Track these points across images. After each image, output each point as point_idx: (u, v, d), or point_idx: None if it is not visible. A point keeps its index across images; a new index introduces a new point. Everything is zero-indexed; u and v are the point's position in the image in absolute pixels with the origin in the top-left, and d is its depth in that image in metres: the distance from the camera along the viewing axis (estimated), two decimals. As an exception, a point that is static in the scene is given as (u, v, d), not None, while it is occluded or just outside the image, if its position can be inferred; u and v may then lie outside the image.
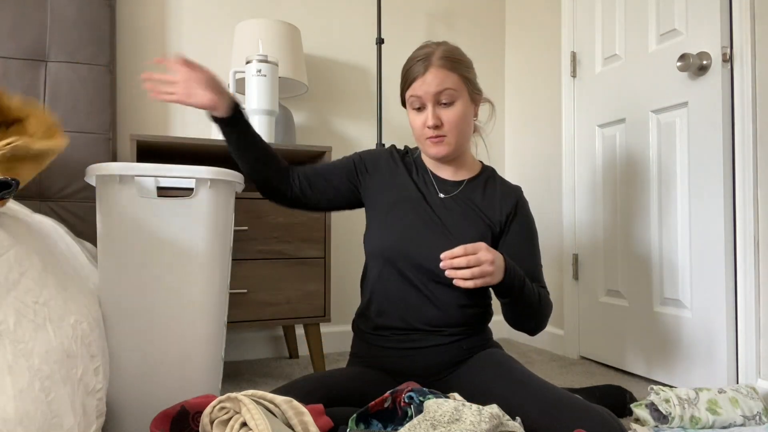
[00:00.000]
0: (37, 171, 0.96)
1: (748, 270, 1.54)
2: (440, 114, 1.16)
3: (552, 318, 2.37)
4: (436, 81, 1.15)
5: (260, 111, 1.84)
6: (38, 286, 0.86)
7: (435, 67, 1.16)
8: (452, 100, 1.17)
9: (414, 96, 1.18)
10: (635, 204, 1.93)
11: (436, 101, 1.16)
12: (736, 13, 1.58)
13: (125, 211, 1.11)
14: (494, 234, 1.24)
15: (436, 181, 1.27)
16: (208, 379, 1.18)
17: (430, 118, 1.15)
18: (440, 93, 1.15)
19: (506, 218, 1.25)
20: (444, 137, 1.18)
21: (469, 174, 1.30)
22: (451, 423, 0.79)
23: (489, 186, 1.29)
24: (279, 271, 1.79)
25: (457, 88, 1.17)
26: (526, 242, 1.25)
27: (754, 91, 1.54)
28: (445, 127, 1.17)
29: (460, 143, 1.21)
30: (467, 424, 0.78)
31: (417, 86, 1.16)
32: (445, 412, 0.81)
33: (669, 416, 1.32)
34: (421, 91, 1.16)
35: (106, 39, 1.90)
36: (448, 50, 1.19)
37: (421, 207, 1.22)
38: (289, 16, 2.30)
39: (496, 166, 2.69)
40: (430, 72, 1.15)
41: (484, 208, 1.25)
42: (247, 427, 0.78)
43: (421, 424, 0.79)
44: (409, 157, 1.32)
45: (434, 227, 1.20)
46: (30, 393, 0.64)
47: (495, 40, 2.71)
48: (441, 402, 0.83)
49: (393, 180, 1.27)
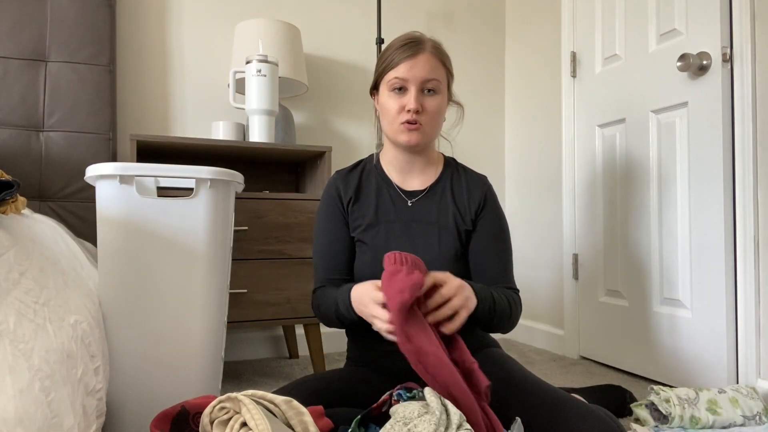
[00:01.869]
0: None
1: (748, 270, 1.54)
2: (422, 101, 1.14)
3: (552, 318, 2.37)
4: (428, 67, 1.13)
5: (260, 111, 1.84)
6: (38, 286, 0.86)
7: (428, 53, 1.14)
8: (435, 91, 1.15)
9: (398, 78, 1.13)
10: (635, 204, 1.93)
11: (421, 87, 1.13)
12: (736, 13, 1.58)
13: (125, 211, 1.11)
14: (467, 230, 1.21)
15: (402, 192, 1.24)
16: (208, 379, 1.18)
17: (413, 101, 1.11)
18: (428, 81, 1.13)
19: (475, 213, 1.21)
20: (421, 126, 1.14)
21: (435, 173, 1.25)
22: (421, 416, 0.80)
23: (455, 182, 1.25)
24: (279, 271, 1.79)
25: (441, 81, 1.15)
26: (496, 240, 1.21)
27: (754, 91, 1.54)
28: (425, 115, 1.14)
29: (432, 136, 1.19)
30: (435, 411, 0.80)
31: (404, 68, 1.12)
32: (413, 409, 0.82)
33: (669, 416, 1.32)
34: (409, 74, 1.12)
35: (106, 39, 1.90)
36: (438, 43, 1.18)
37: (394, 224, 1.20)
38: (289, 16, 2.30)
39: (496, 166, 2.70)
40: (422, 56, 1.13)
41: (454, 205, 1.22)
42: (247, 427, 0.78)
43: (395, 426, 0.80)
44: (367, 168, 1.27)
45: (409, 241, 1.18)
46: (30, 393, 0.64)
47: (495, 40, 2.71)
48: (406, 404, 0.85)
49: (357, 204, 1.24)
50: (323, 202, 1.25)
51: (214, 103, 2.18)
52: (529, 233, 2.52)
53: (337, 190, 1.23)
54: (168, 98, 2.13)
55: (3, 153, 1.76)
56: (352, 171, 1.27)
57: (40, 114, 1.81)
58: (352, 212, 1.22)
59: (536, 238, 2.47)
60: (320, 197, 1.84)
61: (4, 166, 1.74)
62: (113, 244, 1.11)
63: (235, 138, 1.97)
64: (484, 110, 2.68)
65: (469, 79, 2.64)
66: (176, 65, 2.14)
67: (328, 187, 1.25)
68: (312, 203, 1.83)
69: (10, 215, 1.04)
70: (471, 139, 2.63)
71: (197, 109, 2.16)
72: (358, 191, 1.23)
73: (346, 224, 1.22)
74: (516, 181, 2.63)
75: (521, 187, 2.59)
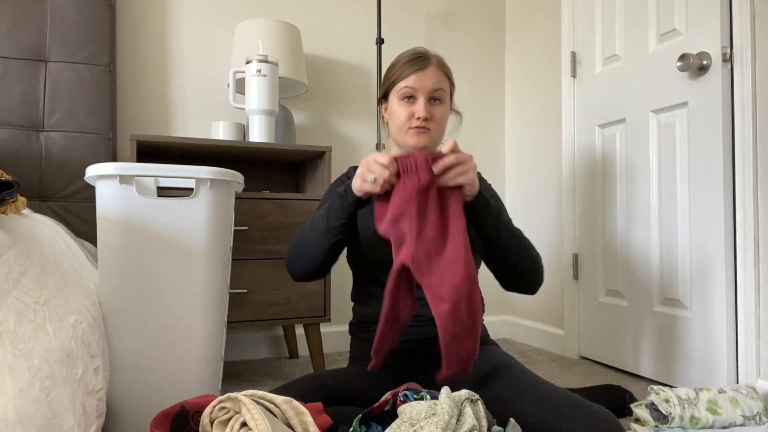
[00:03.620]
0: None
1: (748, 270, 1.54)
2: (430, 109, 1.25)
3: (552, 318, 2.37)
4: (435, 78, 1.24)
5: (260, 111, 1.84)
6: (38, 286, 0.86)
7: (434, 66, 1.25)
8: (441, 101, 1.26)
9: (409, 87, 1.24)
10: (635, 204, 1.93)
11: (429, 97, 1.24)
12: (736, 13, 1.58)
13: (125, 211, 1.11)
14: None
15: None
16: (208, 379, 1.18)
17: (422, 110, 1.22)
18: (435, 90, 1.24)
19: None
20: (429, 130, 1.24)
21: None
22: (428, 418, 0.80)
23: None
24: (279, 271, 1.79)
25: (446, 91, 1.27)
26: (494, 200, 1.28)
27: (754, 91, 1.54)
28: (432, 122, 1.24)
29: (437, 140, 1.29)
30: (443, 414, 0.80)
31: (414, 79, 1.24)
32: (420, 410, 0.82)
33: (669, 416, 1.32)
34: (418, 84, 1.23)
35: (106, 39, 1.90)
36: (442, 58, 1.30)
37: None
38: (289, 16, 2.30)
39: (496, 166, 2.70)
40: (430, 69, 1.24)
41: None
42: (247, 427, 0.78)
43: (401, 427, 0.80)
44: None
45: None
46: (30, 393, 0.64)
47: (495, 40, 2.71)
48: (414, 404, 0.85)
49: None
50: (331, 189, 1.33)
51: (214, 103, 2.18)
52: (529, 233, 2.52)
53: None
54: (168, 98, 2.13)
55: (3, 153, 1.76)
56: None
57: (40, 114, 1.81)
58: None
59: (536, 238, 2.47)
60: (320, 197, 1.85)
61: (4, 166, 1.74)
62: (113, 244, 1.11)
63: (235, 138, 1.97)
64: (484, 110, 2.68)
65: (469, 80, 2.64)
66: (176, 65, 2.14)
67: (339, 180, 1.34)
68: (312, 203, 1.83)
69: (10, 215, 1.04)
70: (471, 139, 2.63)
71: (197, 109, 2.16)
72: None
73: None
74: (516, 181, 2.63)
75: (521, 187, 2.59)
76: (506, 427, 0.89)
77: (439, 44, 2.57)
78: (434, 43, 2.57)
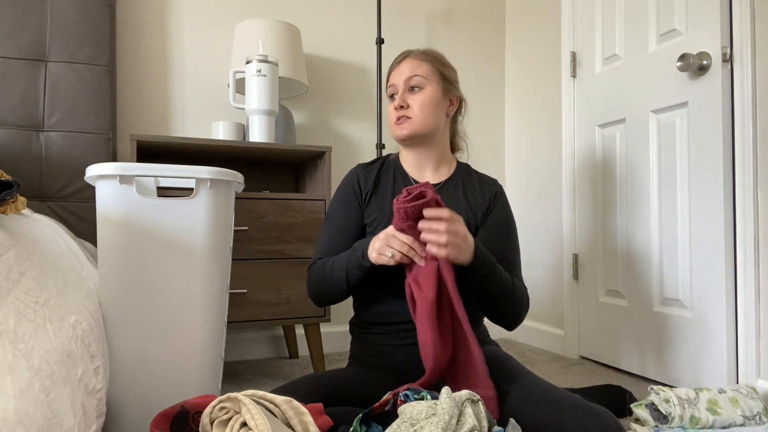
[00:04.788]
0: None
1: (748, 270, 1.54)
2: (407, 98, 1.24)
3: (552, 318, 2.37)
4: (408, 68, 1.24)
5: (260, 111, 1.84)
6: (38, 286, 0.86)
7: (410, 58, 1.26)
8: (421, 86, 1.24)
9: (391, 85, 1.27)
10: (635, 204, 1.93)
11: (406, 87, 1.24)
12: (736, 13, 1.58)
13: (125, 211, 1.11)
14: (476, 225, 1.27)
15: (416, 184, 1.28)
16: (208, 379, 1.18)
17: (398, 100, 1.24)
18: (411, 78, 1.24)
19: (486, 210, 1.28)
20: (408, 119, 1.23)
21: (448, 172, 1.33)
22: (428, 418, 0.80)
23: (467, 181, 1.32)
24: (279, 271, 1.79)
25: (426, 76, 1.24)
26: (503, 234, 1.26)
27: (754, 91, 1.54)
28: (410, 109, 1.23)
29: (424, 125, 1.23)
30: (444, 414, 0.80)
31: (393, 76, 1.27)
32: (420, 410, 0.82)
33: (669, 416, 1.32)
34: (396, 79, 1.25)
35: (106, 39, 1.90)
36: (429, 49, 1.29)
37: None
38: (289, 16, 2.30)
39: (496, 166, 2.70)
40: (405, 61, 1.26)
41: (465, 201, 1.28)
42: (247, 427, 0.78)
43: (401, 427, 0.80)
44: (386, 164, 1.34)
45: None
46: (30, 393, 0.64)
47: (495, 40, 2.71)
48: (414, 404, 0.85)
49: (375, 196, 1.29)
50: (341, 188, 1.31)
51: (214, 103, 2.18)
52: (529, 233, 2.52)
53: (357, 180, 1.30)
54: (168, 98, 2.13)
55: (3, 153, 1.76)
56: (372, 164, 1.34)
57: (40, 114, 1.81)
58: (370, 204, 1.28)
59: (536, 238, 2.47)
60: (321, 197, 1.85)
61: (4, 166, 1.74)
62: (113, 244, 1.11)
63: (235, 138, 1.97)
64: (484, 110, 2.68)
65: (469, 79, 2.64)
66: (176, 65, 2.14)
67: (349, 176, 1.32)
68: (312, 203, 1.83)
69: (10, 215, 1.04)
70: (471, 139, 2.62)
71: (197, 109, 2.16)
72: (376, 183, 1.30)
73: (360, 213, 1.28)
74: (516, 181, 2.63)
75: (521, 187, 2.59)
76: (506, 428, 0.89)
77: (439, 44, 2.57)
78: (434, 43, 2.57)
